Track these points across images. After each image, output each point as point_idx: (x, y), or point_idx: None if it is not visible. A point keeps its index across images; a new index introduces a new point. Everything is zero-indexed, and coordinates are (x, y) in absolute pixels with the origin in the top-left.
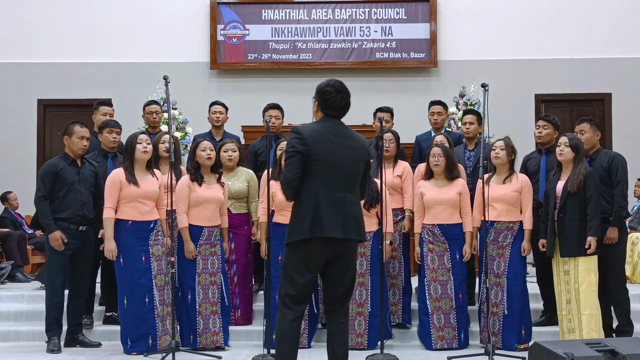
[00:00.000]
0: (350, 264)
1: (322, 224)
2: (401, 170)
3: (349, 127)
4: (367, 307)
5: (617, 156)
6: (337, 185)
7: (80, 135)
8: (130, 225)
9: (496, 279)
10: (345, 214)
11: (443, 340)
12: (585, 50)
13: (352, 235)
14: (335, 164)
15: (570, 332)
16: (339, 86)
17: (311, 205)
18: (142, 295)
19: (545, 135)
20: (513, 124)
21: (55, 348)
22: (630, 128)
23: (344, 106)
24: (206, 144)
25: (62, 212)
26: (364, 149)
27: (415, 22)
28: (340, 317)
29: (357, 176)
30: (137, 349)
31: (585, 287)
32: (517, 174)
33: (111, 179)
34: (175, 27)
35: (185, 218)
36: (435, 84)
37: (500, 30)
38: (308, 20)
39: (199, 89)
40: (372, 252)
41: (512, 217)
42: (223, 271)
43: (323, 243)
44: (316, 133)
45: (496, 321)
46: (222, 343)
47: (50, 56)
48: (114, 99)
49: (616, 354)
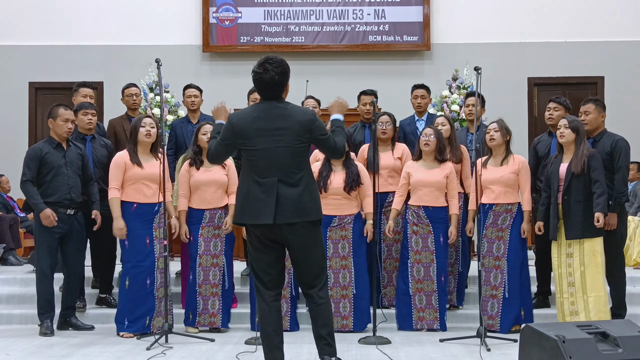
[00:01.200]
0: (308, 249)
1: (250, 210)
2: (400, 152)
3: (290, 105)
4: (352, 289)
5: (621, 140)
6: (269, 171)
7: (65, 118)
8: (136, 208)
9: (495, 262)
10: (279, 198)
11: (423, 321)
12: (578, 34)
13: (289, 219)
14: (265, 150)
15: (573, 314)
16: (267, 65)
17: (242, 191)
18: (144, 277)
19: (557, 117)
20: (506, 107)
21: (48, 331)
22: (623, 111)
23: (268, 83)
24: (208, 128)
25: (49, 196)
26: (300, 127)
27: (409, 5)
28: (316, 299)
29: (297, 157)
30: (133, 329)
31: (591, 269)
32: (513, 155)
33: (115, 161)
34: (167, 10)
35: (184, 202)
36: (428, 67)
37: (493, 14)
38: (301, 2)
39: (191, 72)
40: (353, 234)
41: (510, 199)
42: (226, 253)
43: (257, 228)
44: (244, 119)
45: (495, 304)
46: (219, 325)
47: (41, 39)
48: (105, 82)
49: (607, 336)
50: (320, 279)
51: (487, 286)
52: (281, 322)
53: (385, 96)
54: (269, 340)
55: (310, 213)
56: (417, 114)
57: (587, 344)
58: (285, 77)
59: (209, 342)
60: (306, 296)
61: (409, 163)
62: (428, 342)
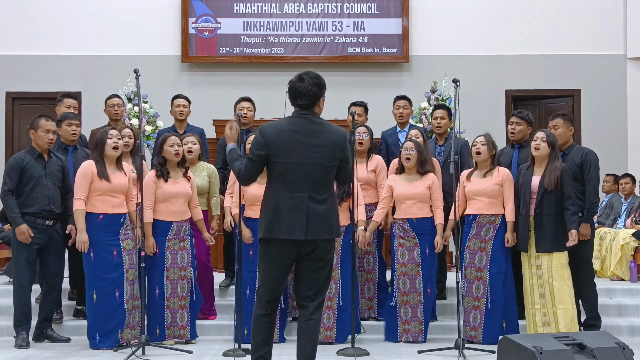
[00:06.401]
0: (321, 263)
1: (281, 225)
2: (375, 164)
3: (324, 121)
4: (337, 301)
5: (590, 153)
6: (300, 186)
7: (46, 129)
8: (102, 220)
9: (477, 273)
10: (309, 214)
11: (408, 334)
12: (555, 47)
13: (318, 235)
14: (299, 164)
15: (545, 325)
16: (303, 75)
17: (272, 206)
18: (113, 289)
19: (518, 132)
20: (484, 119)
21: (24, 343)
22: (599, 124)
23: (308, 93)
24: (174, 139)
25: (28, 207)
26: (334, 146)
27: (387, 17)
28: (310, 313)
29: (326, 175)
30: (106, 343)
31: (559, 281)
32: (498, 167)
33: (82, 170)
34: (147, 20)
35: (150, 213)
36: (407, 79)
37: (471, 26)
38: (280, 14)
39: (170, 82)
40: (342, 246)
41: (494, 210)
42: (193, 265)
43: (285, 243)
44: (280, 133)
45: (477, 315)
46: (188, 337)
47: (19, 48)
48: (83, 92)
49: (584, 348)
50: (320, 295)
51: (469, 297)
52: (271, 334)
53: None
54: (256, 350)
55: (335, 231)
56: (399, 125)
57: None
58: (320, 89)
59: (186, 354)
60: (300, 308)
61: (392, 177)
62: (407, 353)
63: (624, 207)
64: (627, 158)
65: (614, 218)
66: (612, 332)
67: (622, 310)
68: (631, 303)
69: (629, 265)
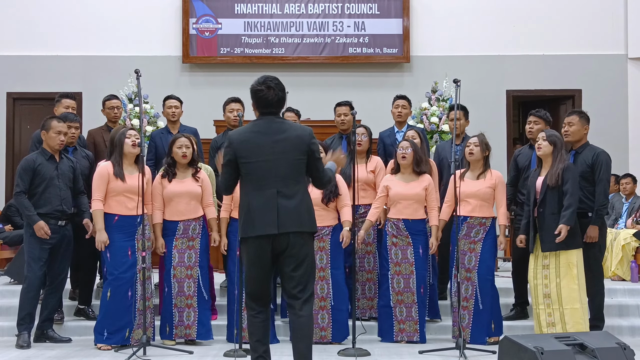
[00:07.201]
0: (299, 258)
1: (255, 223)
2: (374, 165)
3: (288, 121)
4: (330, 301)
5: (602, 153)
6: (268, 183)
7: (58, 130)
8: (117, 221)
9: (467, 274)
10: (279, 208)
11: (404, 333)
12: (556, 47)
13: (290, 228)
14: (264, 162)
15: (550, 325)
16: (270, 82)
17: (244, 206)
18: (126, 289)
19: (536, 131)
20: (485, 119)
21: (25, 344)
22: (600, 124)
23: (277, 101)
24: (182, 141)
25: (41, 207)
26: (299, 139)
27: (388, 17)
28: (298, 310)
29: (294, 169)
30: (112, 340)
31: (567, 281)
32: (491, 170)
33: (99, 172)
34: (147, 21)
35: (158, 215)
36: (408, 79)
37: (472, 27)
38: (281, 14)
39: (170, 83)
40: (331, 246)
41: (485, 212)
42: (201, 264)
43: (260, 240)
44: (243, 135)
45: (466, 315)
46: (194, 336)
47: (19, 48)
48: (84, 93)
49: (585, 348)
50: (306, 292)
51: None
52: (267, 334)
53: (365, 108)
54: (254, 351)
55: (307, 224)
56: (397, 125)
57: (565, 355)
58: (284, 93)
59: (187, 355)
60: (289, 307)
61: (387, 177)
62: (407, 354)
63: (625, 207)
64: (628, 158)
65: (615, 218)
66: (613, 332)
67: (623, 310)
68: (632, 303)
69: (629, 266)
